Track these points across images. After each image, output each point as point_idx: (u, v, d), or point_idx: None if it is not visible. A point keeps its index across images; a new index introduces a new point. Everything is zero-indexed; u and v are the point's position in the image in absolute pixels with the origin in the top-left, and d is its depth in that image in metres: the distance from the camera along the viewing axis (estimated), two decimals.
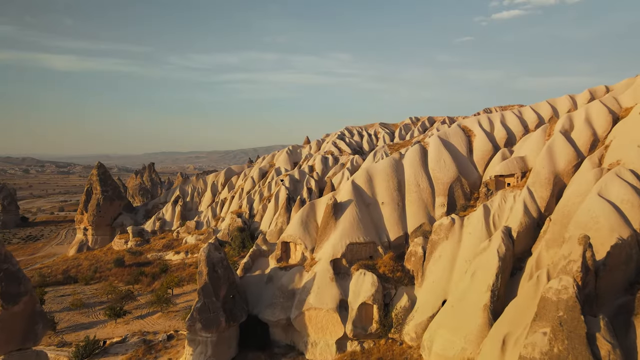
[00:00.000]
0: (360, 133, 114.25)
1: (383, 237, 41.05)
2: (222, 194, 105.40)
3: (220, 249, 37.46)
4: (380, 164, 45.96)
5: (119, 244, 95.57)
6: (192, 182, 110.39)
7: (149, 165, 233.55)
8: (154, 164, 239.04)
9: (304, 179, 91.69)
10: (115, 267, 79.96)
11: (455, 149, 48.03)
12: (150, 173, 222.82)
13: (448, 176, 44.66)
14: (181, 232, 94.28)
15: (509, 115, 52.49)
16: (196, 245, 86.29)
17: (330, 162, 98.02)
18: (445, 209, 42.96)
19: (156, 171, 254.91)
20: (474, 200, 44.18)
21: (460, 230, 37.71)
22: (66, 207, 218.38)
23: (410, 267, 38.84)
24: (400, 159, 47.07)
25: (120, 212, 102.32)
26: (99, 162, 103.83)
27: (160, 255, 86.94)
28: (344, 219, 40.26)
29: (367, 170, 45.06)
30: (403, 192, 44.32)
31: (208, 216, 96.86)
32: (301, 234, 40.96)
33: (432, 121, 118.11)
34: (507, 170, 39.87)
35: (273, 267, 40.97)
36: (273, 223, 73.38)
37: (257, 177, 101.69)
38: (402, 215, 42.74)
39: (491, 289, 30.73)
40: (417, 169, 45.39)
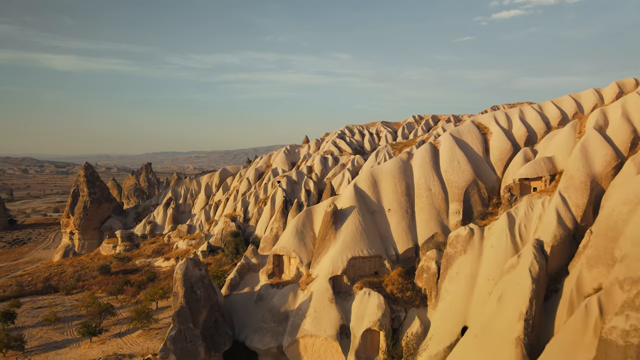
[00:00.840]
0: (361, 132, 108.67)
1: (390, 250, 35.52)
2: (216, 196, 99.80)
3: (201, 264, 31.94)
4: (386, 165, 40.43)
5: (107, 249, 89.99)
6: (185, 183, 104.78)
7: (145, 166, 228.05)
8: (150, 164, 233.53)
9: (302, 180, 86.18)
10: (100, 275, 74.41)
11: (469, 148, 42.49)
12: (147, 173, 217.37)
13: (463, 179, 39.13)
14: (172, 237, 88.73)
15: (529, 111, 46.94)
16: (187, 251, 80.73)
17: (329, 163, 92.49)
18: (460, 216, 37.42)
19: (153, 171, 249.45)
20: (493, 206, 38.63)
21: (481, 242, 32.19)
22: (62, 208, 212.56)
23: (422, 285, 33.30)
24: (409, 159, 41.54)
25: (109, 215, 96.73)
26: (86, 162, 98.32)
27: (149, 261, 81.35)
28: (345, 228, 34.77)
29: (371, 173, 39.54)
30: (412, 197, 38.79)
31: (201, 219, 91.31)
32: (296, 246, 35.44)
33: (437, 119, 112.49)
34: (534, 172, 34.40)
35: (264, 284, 35.44)
36: (268, 229, 67.90)
37: (252, 179, 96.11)
38: (411, 224, 37.22)
39: (524, 317, 25.21)
40: (427, 171, 39.86)
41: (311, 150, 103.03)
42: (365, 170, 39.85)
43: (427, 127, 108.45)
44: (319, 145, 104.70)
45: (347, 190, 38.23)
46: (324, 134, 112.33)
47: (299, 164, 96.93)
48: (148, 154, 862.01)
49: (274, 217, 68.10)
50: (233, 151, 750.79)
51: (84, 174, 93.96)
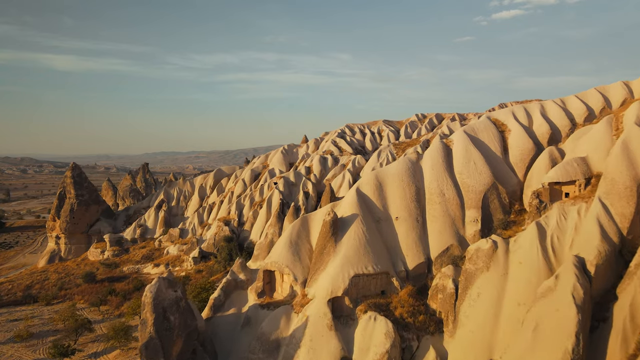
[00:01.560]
0: (362, 131, 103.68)
1: (399, 265, 30.52)
2: (210, 198, 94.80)
3: (177, 284, 26.92)
4: (393, 167, 35.42)
5: (94, 254, 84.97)
6: (178, 184, 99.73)
7: (142, 166, 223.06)
8: (147, 164, 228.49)
9: (301, 181, 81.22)
10: (84, 284, 69.40)
11: (486, 147, 37.48)
12: (144, 174, 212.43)
13: (480, 182, 34.12)
14: (163, 241, 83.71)
15: (551, 106, 41.92)
16: (178, 257, 75.76)
17: (329, 163, 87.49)
18: (478, 225, 32.42)
19: (151, 172, 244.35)
20: (515, 213, 33.62)
21: (506, 257, 27.20)
22: None
23: (437, 307, 28.32)
24: (418, 160, 36.52)
25: (98, 218, 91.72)
26: (73, 162, 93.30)
27: (138, 268, 76.39)
28: (347, 240, 29.79)
29: (375, 176, 34.54)
30: (423, 203, 33.81)
31: (194, 223, 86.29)
32: (289, 261, 30.45)
33: (440, 118, 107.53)
34: (566, 175, 29.43)
35: (252, 305, 30.42)
36: (263, 234, 62.88)
37: (248, 180, 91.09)
38: (422, 234, 32.24)
39: (571, 356, 20.24)
40: (440, 173, 34.85)
41: (310, 150, 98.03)
42: (369, 172, 34.83)
43: (431, 126, 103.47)
44: (318, 144, 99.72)
45: (349, 195, 33.22)
46: (324, 133, 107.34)
47: (297, 165, 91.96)
48: (148, 154, 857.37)
49: (269, 221, 63.10)
50: (233, 151, 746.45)
51: (71, 175, 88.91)
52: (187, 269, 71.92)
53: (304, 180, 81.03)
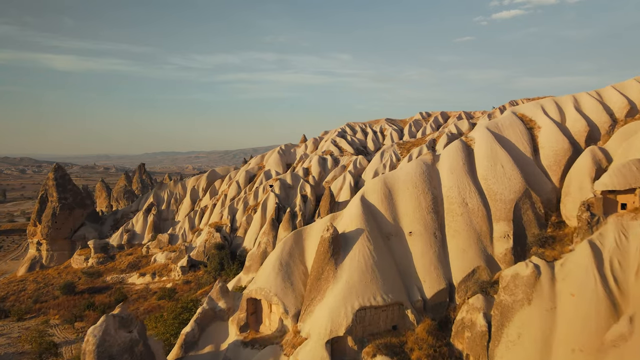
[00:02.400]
0: (364, 130, 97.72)
1: (414, 293, 24.54)
2: (202, 201, 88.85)
3: (132, 323, 20.93)
4: (405, 170, 29.39)
5: (78, 261, 79.01)
6: (169, 186, 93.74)
7: (139, 166, 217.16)
8: (144, 164, 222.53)
9: (298, 184, 75.30)
10: (63, 295, 63.49)
11: (514, 147, 31.46)
12: (140, 174, 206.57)
13: (510, 189, 28.12)
14: (151, 248, 77.75)
15: (586, 100, 35.94)
16: (165, 266, 69.82)
17: (329, 164, 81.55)
18: (510, 242, 26.42)
19: (149, 172, 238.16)
20: (552, 227, 27.61)
21: (552, 287, 21.27)
22: None
23: (464, 348, 22.36)
24: (434, 162, 30.50)
25: (83, 223, 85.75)
26: (56, 164, 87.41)
27: (123, 277, 70.43)
28: (351, 262, 23.83)
29: (384, 181, 28.53)
30: (441, 214, 27.81)
31: (184, 228, 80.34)
32: (279, 287, 24.47)
33: (446, 116, 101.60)
34: (624, 182, 23.52)
35: (233, 342, 24.42)
36: (257, 243, 56.94)
37: (243, 182, 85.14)
38: (442, 253, 26.26)
39: None
40: (461, 178, 28.85)
41: (308, 150, 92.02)
42: (376, 178, 28.80)
43: (437, 125, 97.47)
44: (317, 144, 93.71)
45: (352, 206, 27.19)
46: (323, 132, 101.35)
47: (295, 166, 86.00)
48: (147, 154, 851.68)
49: (263, 229, 57.11)
50: (232, 151, 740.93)
51: (54, 176, 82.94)
52: (174, 279, 65.95)
53: (301, 182, 75.13)
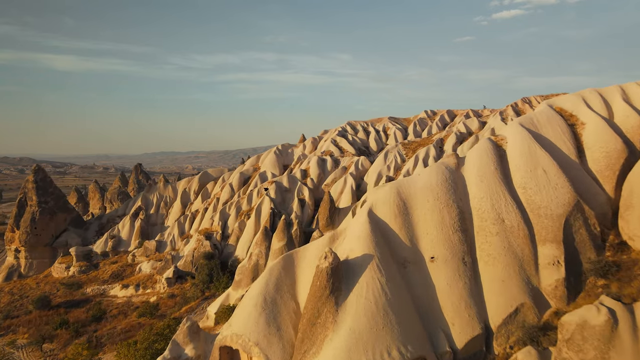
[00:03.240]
0: (365, 129, 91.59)
1: (440, 341, 18.48)
2: (194, 205, 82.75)
3: None
4: (423, 177, 23.27)
5: (59, 270, 72.93)
6: (158, 189, 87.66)
7: (135, 166, 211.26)
8: (140, 164, 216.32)
9: (295, 187, 69.27)
10: (37, 310, 57.47)
11: (556, 148, 25.37)
12: (136, 175, 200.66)
13: (558, 201, 22.05)
14: (137, 256, 71.68)
15: (635, 91, 29.94)
16: (151, 276, 63.76)
17: (328, 165, 75.52)
18: (561, 271, 20.35)
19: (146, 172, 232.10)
20: (612, 250, 21.55)
21: (635, 341, 15.30)
22: None
23: None
24: (458, 167, 24.40)
25: (66, 228, 79.70)
26: (36, 165, 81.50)
27: (104, 288, 64.36)
28: (356, 301, 17.82)
29: (397, 191, 22.44)
30: (471, 234, 21.78)
31: (173, 234, 74.29)
32: (261, 335, 18.40)
33: (453, 115, 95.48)
34: None
35: None
36: (248, 254, 50.88)
37: (236, 184, 79.05)
38: (474, 285, 20.22)
39: None
40: (493, 187, 22.77)
41: (307, 150, 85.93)
42: (386, 186, 22.57)
43: (443, 124, 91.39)
44: (316, 144, 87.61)
45: (358, 222, 21.09)
46: (322, 132, 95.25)
47: (292, 167, 79.98)
48: (147, 153, 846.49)
49: (255, 239, 51.03)
50: (232, 151, 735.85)
51: (33, 179, 76.83)
52: (159, 291, 59.89)
53: (299, 185, 69.09)
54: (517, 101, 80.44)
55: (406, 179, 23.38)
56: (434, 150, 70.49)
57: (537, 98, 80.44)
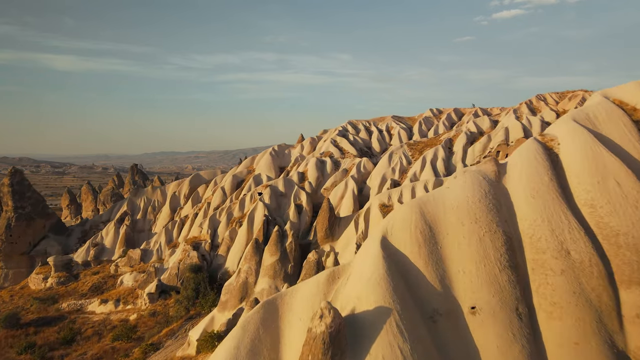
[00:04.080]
0: (367, 129, 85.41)
1: None
2: (184, 210, 76.69)
3: None
4: (455, 192, 17.10)
5: (36, 281, 66.85)
6: (146, 193, 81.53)
7: (131, 167, 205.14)
8: (137, 164, 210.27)
9: (292, 191, 63.21)
10: (4, 329, 51.42)
11: (624, 152, 19.31)
12: (132, 176, 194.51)
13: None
14: (121, 266, 65.61)
15: None
16: (132, 290, 57.67)
17: (328, 168, 69.46)
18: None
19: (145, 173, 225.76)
20: None
21: None
22: None
23: None
24: (499, 177, 18.26)
25: (45, 235, 73.65)
26: (13, 167, 75.46)
27: (81, 304, 58.26)
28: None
29: (420, 211, 16.28)
30: (524, 271, 15.67)
31: (160, 242, 68.24)
32: None
33: (460, 113, 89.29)
34: None
35: None
36: (236, 271, 44.73)
37: (229, 188, 72.99)
38: (534, 348, 14.17)
39: None
40: (551, 204, 16.64)
41: (305, 151, 79.78)
42: (405, 205, 16.24)
43: (450, 123, 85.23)
44: (315, 145, 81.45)
45: (368, 258, 14.95)
46: (322, 131, 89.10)
47: (289, 170, 73.86)
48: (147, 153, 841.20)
49: (245, 253, 44.82)
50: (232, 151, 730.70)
51: (9, 182, 70.69)
52: (140, 308, 53.76)
53: (296, 189, 62.99)
54: (531, 98, 74.29)
55: (431, 194, 17.20)
56: (443, 151, 64.40)
57: (552, 95, 74.28)
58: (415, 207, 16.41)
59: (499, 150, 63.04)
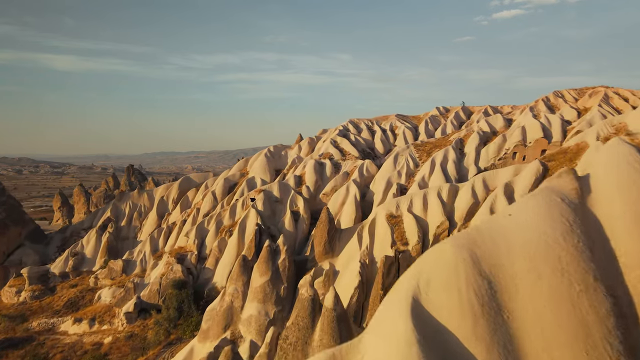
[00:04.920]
0: (370, 128, 79.21)
1: None
2: (172, 216, 70.53)
3: None
4: (521, 223, 11.02)
5: (9, 295, 60.62)
6: (131, 197, 75.40)
7: (127, 168, 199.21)
8: (132, 165, 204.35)
9: (288, 196, 57.11)
10: None
11: None
12: (128, 177, 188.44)
13: None
14: (101, 278, 59.44)
15: None
16: (109, 308, 51.53)
17: (327, 171, 63.33)
18: None
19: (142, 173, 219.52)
20: None
21: None
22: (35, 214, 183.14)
23: None
24: (582, 198, 12.18)
25: (21, 244, 67.59)
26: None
27: (53, 323, 52.11)
28: None
29: (471, 256, 10.27)
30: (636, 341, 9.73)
31: (145, 251, 62.05)
32: None
33: (468, 112, 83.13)
34: None
35: None
36: (221, 294, 38.46)
37: (220, 192, 66.83)
38: None
39: None
40: None
41: (303, 152, 73.62)
42: (445, 242, 9.93)
43: (459, 122, 78.99)
44: (314, 146, 75.28)
45: (391, 341, 8.98)
46: (321, 131, 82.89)
47: (285, 172, 67.73)
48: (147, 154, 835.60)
49: (231, 272, 38.59)
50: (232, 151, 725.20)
51: None
52: (117, 329, 47.60)
53: (292, 194, 56.88)
54: (548, 95, 68.15)
55: (485, 226, 11.05)
56: (454, 152, 58.25)
57: (570, 92, 68.14)
58: (462, 249, 10.25)
59: (516, 152, 56.91)
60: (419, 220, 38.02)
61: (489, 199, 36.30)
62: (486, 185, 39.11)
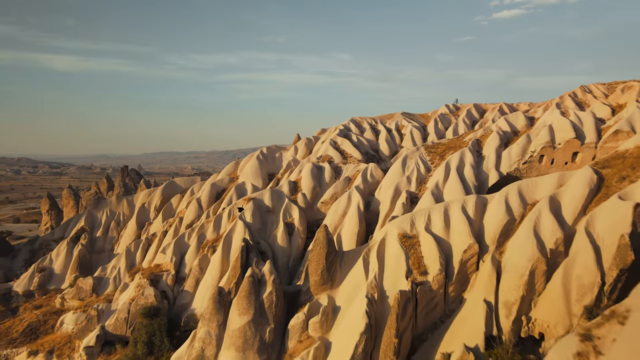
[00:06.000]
0: (374, 128, 71.19)
1: None
2: (153, 226, 62.55)
3: None
4: None
5: None
6: (109, 204, 67.47)
7: (122, 169, 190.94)
8: (127, 166, 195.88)
9: (281, 206, 49.21)
10: None
11: None
12: (123, 178, 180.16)
13: None
14: (68, 299, 51.60)
15: None
16: (70, 339, 43.62)
17: (326, 175, 55.42)
18: None
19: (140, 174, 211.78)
20: None
21: None
22: (27, 216, 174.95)
23: None
24: None
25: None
26: None
27: (6, 355, 44.28)
28: None
29: None
30: None
31: (120, 267, 54.12)
32: None
33: (481, 110, 75.09)
34: None
35: None
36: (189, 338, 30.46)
37: (206, 200, 58.85)
38: None
39: None
40: None
41: (299, 154, 65.67)
42: None
43: (471, 121, 70.96)
44: (311, 147, 67.32)
45: None
46: (320, 131, 74.84)
47: (280, 177, 59.82)
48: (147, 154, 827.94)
49: (205, 310, 30.52)
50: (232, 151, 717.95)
51: None
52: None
53: (286, 203, 49.03)
54: (575, 90, 60.20)
55: None
56: (471, 155, 50.30)
57: (599, 87, 60.17)
58: None
59: (543, 154, 48.99)
60: (440, 242, 30.12)
61: (530, 216, 28.47)
62: (523, 197, 31.20)
